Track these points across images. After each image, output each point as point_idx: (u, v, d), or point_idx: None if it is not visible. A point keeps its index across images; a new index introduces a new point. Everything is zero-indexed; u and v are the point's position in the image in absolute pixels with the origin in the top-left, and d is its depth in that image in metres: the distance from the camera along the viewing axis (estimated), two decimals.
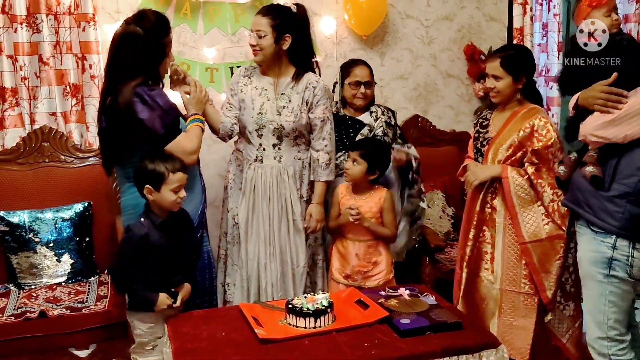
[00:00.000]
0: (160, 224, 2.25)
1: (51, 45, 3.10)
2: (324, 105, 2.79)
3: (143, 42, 2.33)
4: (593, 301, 2.22)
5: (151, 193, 2.23)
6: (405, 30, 3.86)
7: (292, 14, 2.75)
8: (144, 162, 2.25)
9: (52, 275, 2.91)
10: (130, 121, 2.29)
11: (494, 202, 2.59)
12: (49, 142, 3.10)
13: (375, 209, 2.75)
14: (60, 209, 2.98)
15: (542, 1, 3.84)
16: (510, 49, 2.83)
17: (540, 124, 2.47)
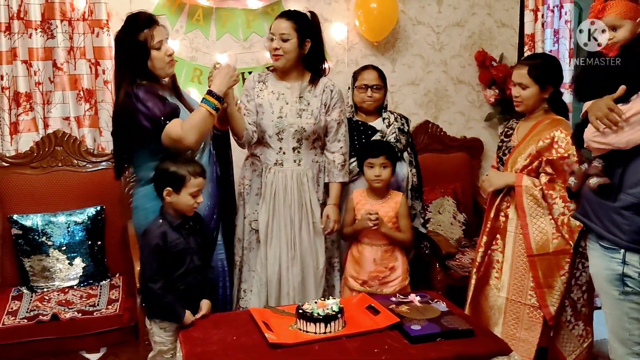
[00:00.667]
0: (177, 225, 2.26)
1: (65, 50, 3.13)
2: (339, 107, 2.83)
3: (122, 43, 2.40)
4: (613, 319, 2.15)
5: (170, 195, 2.24)
6: (417, 36, 3.87)
7: (309, 19, 2.77)
8: (165, 163, 2.27)
9: (64, 279, 2.93)
10: (126, 121, 2.34)
11: (508, 211, 2.57)
12: (62, 147, 3.13)
13: (391, 214, 2.75)
14: (72, 212, 3.00)
15: (553, 8, 3.82)
16: (539, 57, 2.74)
17: (560, 135, 2.44)
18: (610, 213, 2.07)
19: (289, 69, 2.76)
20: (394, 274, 2.75)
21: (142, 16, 2.41)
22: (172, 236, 2.23)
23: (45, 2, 3.07)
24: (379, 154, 2.74)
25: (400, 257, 2.78)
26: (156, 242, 2.20)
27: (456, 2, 3.91)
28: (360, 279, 2.75)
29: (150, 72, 2.41)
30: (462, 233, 3.58)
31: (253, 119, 2.77)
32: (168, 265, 2.23)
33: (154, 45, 2.37)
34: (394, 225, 2.76)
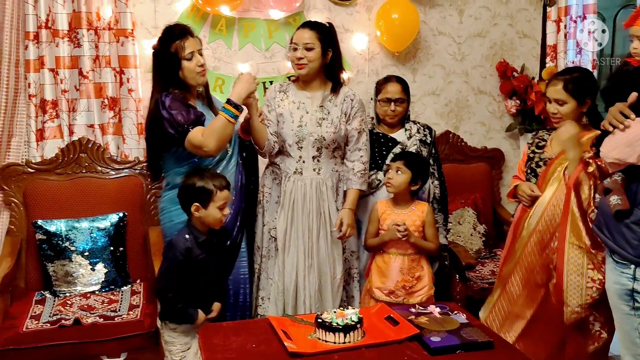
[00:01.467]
0: (202, 241, 2.29)
1: (91, 59, 3.19)
2: (360, 117, 2.84)
3: (156, 53, 2.55)
4: (624, 333, 2.12)
5: (198, 210, 2.27)
6: (438, 46, 3.87)
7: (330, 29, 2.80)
8: (191, 179, 2.30)
9: (87, 284, 2.97)
10: (154, 127, 2.48)
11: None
12: (87, 153, 3.18)
13: (418, 223, 2.75)
14: (95, 218, 3.05)
15: (576, 18, 3.81)
16: (575, 71, 2.59)
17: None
18: (620, 227, 2.04)
19: (311, 79, 2.78)
20: (420, 284, 2.74)
21: (176, 28, 2.55)
22: (196, 252, 2.28)
23: (72, 11, 3.14)
24: (396, 159, 2.77)
25: (426, 267, 2.77)
26: (180, 258, 2.24)
27: (477, 13, 3.91)
28: (386, 289, 2.74)
29: (182, 81, 2.52)
30: (482, 244, 3.55)
31: (274, 129, 2.80)
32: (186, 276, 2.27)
33: (185, 56, 2.49)
34: (420, 234, 2.76)
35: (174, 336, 2.33)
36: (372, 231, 2.83)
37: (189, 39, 2.51)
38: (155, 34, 3.30)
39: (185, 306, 2.26)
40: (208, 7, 3.30)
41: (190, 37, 2.52)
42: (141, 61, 3.29)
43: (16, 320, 2.67)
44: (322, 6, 3.60)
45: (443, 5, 3.83)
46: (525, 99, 3.89)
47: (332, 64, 2.79)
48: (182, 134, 2.44)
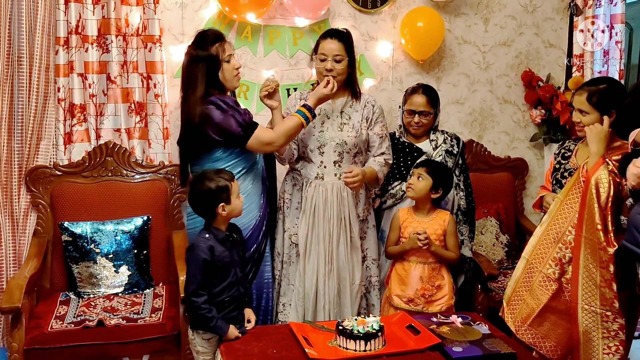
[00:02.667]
0: (223, 238, 2.31)
1: (119, 64, 3.24)
2: (381, 122, 2.85)
3: (194, 56, 2.62)
4: None
5: (224, 208, 2.30)
6: (462, 55, 3.86)
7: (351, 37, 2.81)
8: (203, 185, 2.30)
9: (110, 286, 3.01)
10: (207, 127, 2.54)
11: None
12: (113, 157, 3.23)
13: (439, 231, 2.75)
14: (120, 221, 3.09)
15: (603, 28, 3.77)
16: (601, 82, 2.55)
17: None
18: None
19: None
20: (440, 293, 2.73)
21: (212, 32, 2.67)
22: (218, 249, 2.28)
23: (101, 18, 3.19)
24: (419, 166, 2.79)
25: (446, 276, 2.76)
26: (204, 257, 2.24)
27: (503, 22, 3.89)
28: (405, 297, 2.73)
29: (221, 84, 2.62)
30: (505, 254, 3.52)
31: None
32: (213, 278, 2.27)
33: (224, 58, 2.60)
34: (441, 243, 2.75)
35: (206, 345, 2.32)
36: (393, 239, 2.83)
37: (225, 42, 2.64)
38: (183, 40, 3.38)
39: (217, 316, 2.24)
40: (234, 15, 3.34)
41: (225, 41, 2.64)
42: (168, 67, 3.34)
43: (41, 320, 2.71)
44: (347, 14, 3.62)
45: (468, 14, 3.82)
46: (550, 108, 3.86)
47: (352, 71, 2.81)
48: (249, 131, 2.58)
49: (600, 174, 2.27)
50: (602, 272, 2.27)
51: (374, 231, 2.94)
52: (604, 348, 2.30)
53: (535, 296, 2.44)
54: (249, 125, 2.59)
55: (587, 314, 2.30)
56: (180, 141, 2.71)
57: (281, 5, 3.45)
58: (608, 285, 2.26)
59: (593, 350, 2.32)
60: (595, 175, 2.28)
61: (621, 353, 2.31)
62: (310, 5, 3.41)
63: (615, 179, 2.27)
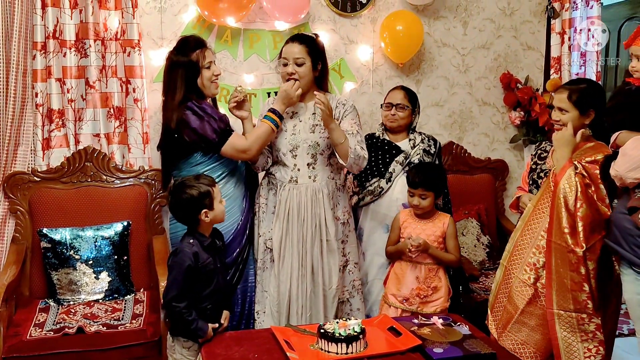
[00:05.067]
0: (207, 245, 2.30)
1: (97, 69, 3.22)
2: (351, 119, 2.78)
3: (173, 62, 2.64)
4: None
5: (207, 214, 2.28)
6: (442, 58, 3.89)
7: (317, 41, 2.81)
8: (185, 193, 2.28)
9: (90, 292, 2.98)
10: (184, 132, 2.55)
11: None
12: (92, 162, 3.20)
13: (438, 234, 2.77)
14: (100, 227, 3.06)
15: (580, 30, 3.82)
16: (581, 82, 2.62)
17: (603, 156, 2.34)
18: (638, 239, 2.06)
19: (304, 92, 2.75)
20: (436, 294, 2.74)
21: (193, 38, 2.68)
22: (203, 257, 2.27)
23: (79, 22, 3.17)
24: (416, 186, 2.75)
25: (443, 278, 2.77)
26: (188, 263, 2.22)
27: (482, 25, 3.93)
28: (401, 296, 2.75)
29: (200, 90, 2.63)
30: (486, 255, 3.55)
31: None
32: (197, 284, 2.26)
33: (204, 65, 2.61)
34: (440, 245, 2.77)
35: (186, 354, 2.29)
36: (393, 239, 2.85)
37: (206, 49, 2.65)
38: (162, 44, 3.37)
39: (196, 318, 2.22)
40: (214, 19, 3.33)
41: (207, 48, 2.66)
42: (147, 71, 3.33)
43: (20, 328, 2.68)
44: (327, 18, 3.63)
45: (447, 18, 3.86)
46: (529, 110, 3.90)
47: (322, 75, 2.81)
48: (224, 138, 2.59)
49: (566, 178, 2.31)
50: (572, 276, 2.29)
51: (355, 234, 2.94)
52: (584, 351, 2.32)
53: (513, 302, 2.46)
54: (224, 132, 2.60)
55: (563, 320, 2.32)
56: (160, 146, 2.72)
57: (261, 9, 3.46)
58: (579, 289, 2.29)
59: (574, 356, 2.33)
60: (563, 180, 2.31)
61: (602, 353, 2.34)
62: (290, 9, 3.42)
63: (584, 181, 2.30)
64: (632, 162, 2.04)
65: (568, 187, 2.30)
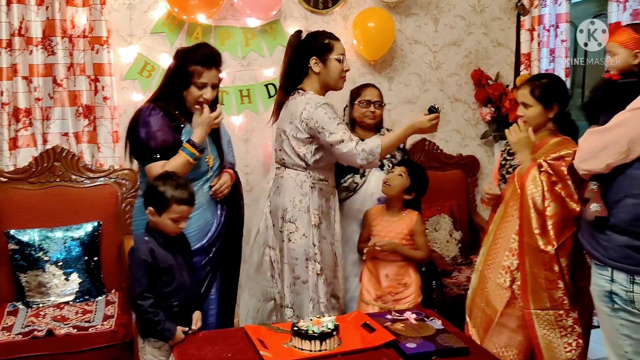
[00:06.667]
0: (163, 243, 2.26)
1: (65, 67, 3.16)
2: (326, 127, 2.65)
3: (171, 67, 2.51)
4: (607, 334, 2.16)
5: (153, 215, 2.24)
6: (413, 55, 3.91)
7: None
8: (157, 181, 2.26)
9: (60, 294, 2.93)
10: (129, 132, 2.47)
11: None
12: (61, 162, 3.15)
13: (405, 231, 2.79)
14: (69, 228, 3.01)
15: (549, 27, 3.88)
16: (544, 77, 2.62)
17: (569, 152, 2.35)
18: (593, 232, 2.12)
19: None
20: (407, 291, 2.77)
21: (208, 53, 2.47)
22: (160, 253, 2.22)
23: (46, 19, 3.11)
24: (403, 164, 2.84)
25: (413, 274, 2.80)
26: (144, 257, 2.18)
27: (452, 22, 3.96)
28: (374, 293, 2.77)
29: (182, 101, 2.48)
30: (459, 251, 3.58)
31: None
32: (158, 282, 2.22)
33: (197, 83, 2.43)
34: (408, 242, 2.79)
35: (157, 354, 2.26)
36: (364, 235, 2.87)
37: (212, 70, 2.45)
38: (131, 41, 3.33)
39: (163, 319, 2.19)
40: (184, 15, 3.30)
41: (214, 69, 2.46)
42: (116, 69, 3.28)
43: None
44: (299, 14, 3.62)
45: (418, 14, 3.87)
46: (499, 106, 3.94)
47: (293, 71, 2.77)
48: (147, 161, 2.44)
49: (532, 179, 2.35)
50: (546, 275, 2.33)
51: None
52: (565, 347, 2.35)
53: (492, 306, 2.48)
54: (150, 153, 2.42)
55: (541, 319, 2.35)
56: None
57: (232, 6, 3.43)
58: (554, 287, 2.32)
59: (556, 352, 2.37)
60: (528, 181, 2.35)
61: (582, 346, 2.38)
62: (261, 6, 3.40)
63: (550, 179, 2.34)
64: (582, 153, 2.09)
65: (534, 187, 2.34)
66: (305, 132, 2.60)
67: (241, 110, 3.56)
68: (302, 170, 2.67)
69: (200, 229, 2.54)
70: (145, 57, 3.37)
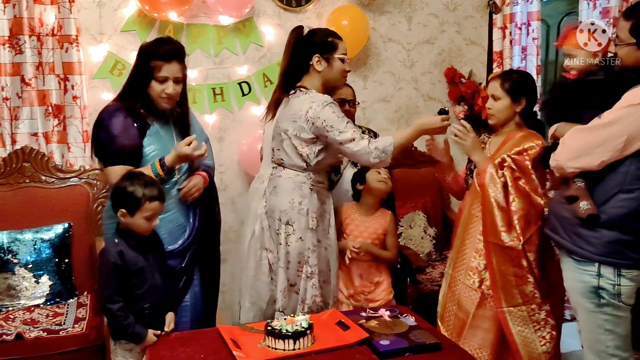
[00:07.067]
0: (134, 244, 2.23)
1: (33, 66, 3.10)
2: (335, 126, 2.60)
3: (134, 63, 2.44)
4: (589, 331, 2.19)
5: (125, 217, 2.20)
6: (387, 53, 3.92)
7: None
8: (124, 182, 2.22)
9: (31, 297, 2.87)
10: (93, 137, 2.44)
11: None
12: (30, 163, 3.09)
13: (380, 231, 2.80)
14: (39, 229, 2.96)
15: (521, 25, 3.92)
16: (514, 72, 2.71)
17: (532, 144, 2.41)
18: (577, 228, 2.14)
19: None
20: (379, 289, 2.79)
21: (169, 46, 2.41)
22: (130, 254, 2.19)
23: (13, 17, 3.04)
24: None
25: (384, 273, 2.81)
26: (113, 260, 2.15)
27: (426, 20, 3.98)
28: (347, 292, 2.77)
29: (149, 99, 2.42)
30: (433, 247, 3.60)
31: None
32: (129, 284, 2.19)
33: (157, 77, 2.37)
34: (380, 241, 2.80)
35: (129, 357, 2.23)
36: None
37: (173, 63, 2.37)
38: (101, 39, 3.29)
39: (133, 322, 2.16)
40: (155, 13, 3.26)
41: (175, 62, 2.38)
42: (86, 68, 3.23)
43: None
44: (272, 12, 3.60)
45: (392, 13, 3.88)
46: (472, 104, 3.97)
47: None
48: (107, 164, 2.41)
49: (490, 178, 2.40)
50: (515, 272, 2.36)
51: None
52: (540, 340, 2.39)
53: (463, 308, 2.51)
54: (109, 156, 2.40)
55: (514, 316, 2.38)
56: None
57: (204, 4, 3.40)
58: (524, 282, 2.36)
59: (532, 347, 2.40)
60: (487, 181, 2.40)
61: (555, 337, 2.43)
62: (234, 3, 3.38)
63: (513, 175, 2.38)
64: (571, 151, 2.11)
65: (493, 186, 2.38)
66: (311, 132, 2.51)
67: (214, 109, 3.54)
68: (302, 171, 2.59)
69: (170, 233, 2.48)
70: (116, 55, 3.33)
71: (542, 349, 2.41)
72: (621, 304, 2.10)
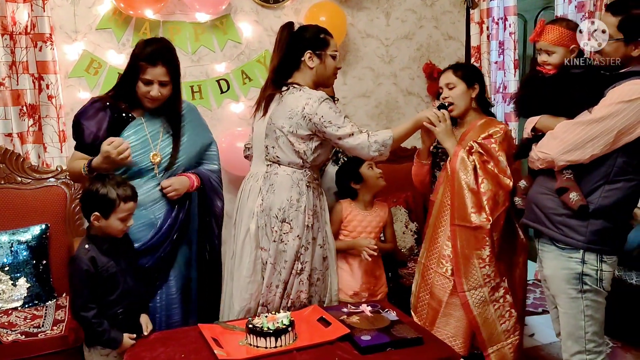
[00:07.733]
0: (106, 249, 2.19)
1: (7, 65, 3.05)
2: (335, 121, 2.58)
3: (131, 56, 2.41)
4: (569, 317, 2.23)
5: (99, 220, 2.16)
6: (366, 49, 3.92)
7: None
8: (95, 185, 2.17)
9: (8, 300, 2.83)
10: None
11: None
12: (5, 164, 3.04)
13: (381, 224, 2.82)
14: (16, 231, 2.91)
15: (498, 20, 3.94)
16: (460, 63, 2.86)
17: (496, 129, 2.50)
18: (564, 218, 2.18)
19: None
20: (379, 282, 2.81)
21: (154, 48, 2.37)
22: (102, 260, 2.15)
23: None
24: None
25: (382, 266, 2.84)
26: (86, 268, 2.11)
27: (404, 16, 3.99)
28: (351, 290, 2.74)
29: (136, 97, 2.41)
30: (414, 242, 3.61)
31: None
32: (101, 290, 2.16)
33: (142, 78, 2.35)
34: (379, 234, 2.83)
35: None
36: (334, 231, 2.78)
37: (158, 67, 2.34)
38: (76, 38, 3.24)
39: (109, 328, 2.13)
40: (130, 11, 3.22)
41: (161, 65, 2.34)
42: (61, 66, 3.19)
43: None
44: (250, 9, 3.58)
45: (370, 8, 3.89)
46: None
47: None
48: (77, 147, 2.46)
49: (460, 161, 2.44)
50: (478, 254, 2.42)
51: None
52: (499, 318, 2.46)
53: (436, 297, 2.54)
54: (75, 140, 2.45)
55: (475, 297, 2.43)
56: None
57: (180, 1, 3.37)
58: (485, 263, 2.42)
59: (491, 327, 2.45)
60: (457, 164, 2.45)
61: (514, 316, 2.49)
62: (210, 1, 3.35)
63: (481, 158, 2.45)
64: (565, 145, 2.13)
65: (464, 169, 2.44)
66: (307, 129, 2.48)
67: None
68: (299, 168, 2.55)
69: (140, 228, 2.41)
70: (92, 54, 3.28)
71: (501, 328, 2.48)
72: (601, 290, 2.18)
